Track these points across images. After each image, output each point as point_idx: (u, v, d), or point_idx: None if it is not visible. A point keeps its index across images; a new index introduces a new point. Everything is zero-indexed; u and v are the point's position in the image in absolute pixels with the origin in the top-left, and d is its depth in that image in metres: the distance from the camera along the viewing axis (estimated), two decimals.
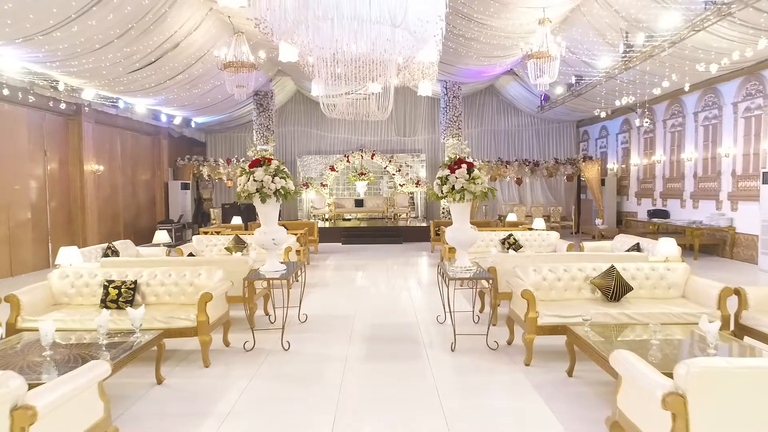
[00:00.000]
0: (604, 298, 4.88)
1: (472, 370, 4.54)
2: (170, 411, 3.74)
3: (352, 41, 6.57)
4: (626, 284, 4.85)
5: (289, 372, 4.54)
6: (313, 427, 3.50)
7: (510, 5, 8.94)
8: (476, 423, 3.52)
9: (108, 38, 7.74)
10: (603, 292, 4.89)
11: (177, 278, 5.04)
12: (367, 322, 6.18)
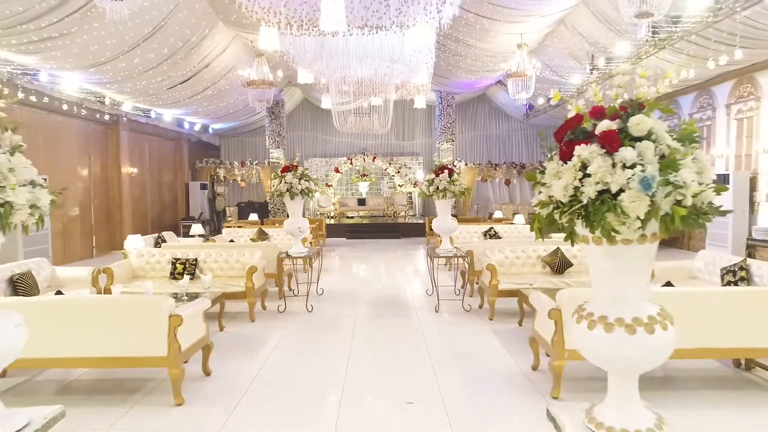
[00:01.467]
0: (552, 271, 6.44)
1: (450, 323, 6.10)
2: (234, 346, 5.29)
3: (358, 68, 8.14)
4: (568, 261, 6.41)
5: (313, 325, 6.11)
6: (336, 355, 5.05)
7: (492, 31, 10.48)
8: (450, 352, 5.08)
9: (155, 63, 9.31)
10: (551, 267, 6.46)
11: (227, 257, 6.62)
12: (371, 295, 7.76)
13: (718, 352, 3.94)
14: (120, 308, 3.77)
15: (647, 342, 1.74)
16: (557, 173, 1.71)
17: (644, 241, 1.68)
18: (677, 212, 1.55)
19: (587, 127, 1.75)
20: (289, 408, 3.84)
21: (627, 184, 1.56)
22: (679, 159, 1.60)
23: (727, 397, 3.88)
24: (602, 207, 1.59)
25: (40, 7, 6.40)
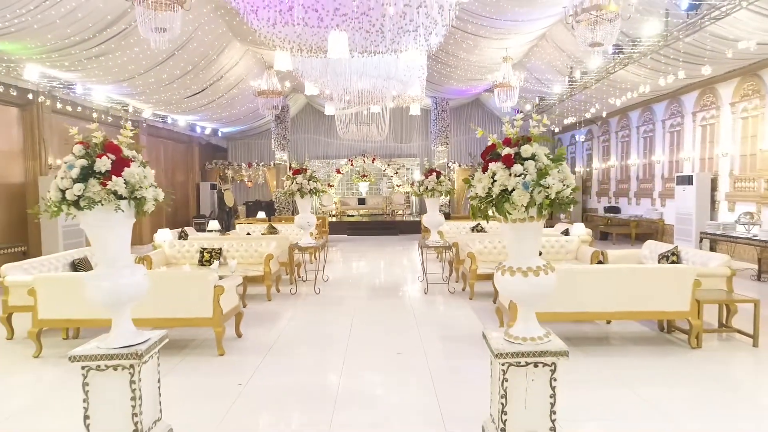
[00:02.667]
0: None
1: (435, 302, 7.23)
2: (257, 318, 6.40)
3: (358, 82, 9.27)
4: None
5: (321, 303, 7.23)
6: (340, 324, 6.16)
7: (479, 47, 11.59)
8: (433, 321, 6.21)
9: (178, 76, 10.43)
10: None
11: (247, 247, 7.75)
12: (370, 281, 8.89)
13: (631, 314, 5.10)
14: (183, 280, 4.91)
15: (536, 281, 2.87)
16: (479, 179, 2.83)
17: (531, 220, 2.80)
18: (545, 202, 2.68)
19: (499, 151, 2.87)
20: (306, 357, 4.97)
21: (516, 186, 2.68)
22: (549, 171, 2.72)
23: (649, 350, 5.01)
24: (502, 199, 2.71)
25: (87, 31, 7.53)
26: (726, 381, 4.26)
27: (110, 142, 2.98)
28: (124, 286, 2.91)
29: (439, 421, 3.53)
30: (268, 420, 3.65)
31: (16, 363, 4.93)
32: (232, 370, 4.61)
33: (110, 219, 2.85)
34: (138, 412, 2.91)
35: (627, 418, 3.58)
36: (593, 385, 4.18)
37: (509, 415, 2.92)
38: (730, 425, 3.46)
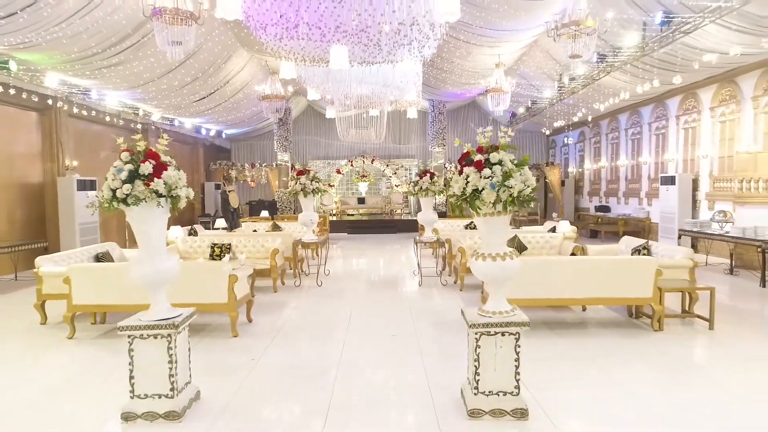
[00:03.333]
0: None
1: (428, 293, 7.84)
2: (265, 307, 7.00)
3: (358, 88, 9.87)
4: (523, 245, 8.14)
5: (323, 294, 7.84)
6: (341, 312, 6.77)
7: (472, 54, 12.19)
8: (425, 309, 6.81)
9: (187, 82, 11.04)
10: None
11: (254, 242, 8.35)
12: (368, 275, 9.50)
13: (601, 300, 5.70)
14: (201, 270, 5.52)
15: (503, 265, 3.47)
16: (456, 180, 3.44)
17: (498, 215, 3.40)
18: (508, 200, 3.28)
19: (473, 157, 3.47)
20: (310, 338, 5.58)
21: (485, 186, 3.28)
22: (512, 174, 3.32)
23: (617, 332, 5.61)
24: (474, 197, 3.32)
25: (107, 42, 8.13)
26: (680, 358, 4.86)
27: (151, 150, 3.59)
28: (163, 270, 3.51)
29: (426, 389, 4.13)
30: (278, 388, 4.25)
31: (52, 344, 5.53)
32: (245, 349, 5.22)
33: (152, 214, 3.47)
34: (174, 373, 3.52)
35: (590, 387, 4.18)
36: (564, 361, 4.78)
37: (481, 376, 3.53)
38: (681, 393, 4.05)
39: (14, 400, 4.03)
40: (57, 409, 3.86)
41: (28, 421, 3.68)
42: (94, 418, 3.66)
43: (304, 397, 4.03)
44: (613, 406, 3.78)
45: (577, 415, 3.65)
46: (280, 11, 5.67)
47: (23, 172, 10.24)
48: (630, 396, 3.95)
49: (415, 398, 3.95)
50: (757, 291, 7.80)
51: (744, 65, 9.82)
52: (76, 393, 4.20)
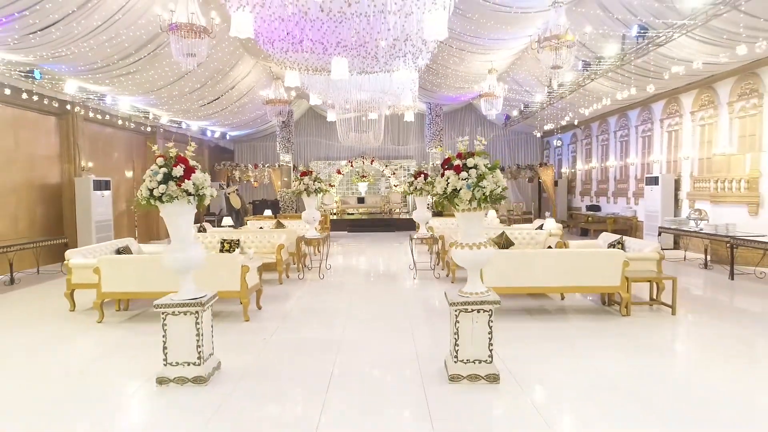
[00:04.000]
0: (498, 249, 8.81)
1: (421, 285, 8.49)
2: (272, 297, 7.64)
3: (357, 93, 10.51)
4: (510, 241, 8.78)
5: (325, 286, 8.49)
6: (342, 301, 7.41)
7: (465, 60, 12.84)
8: (418, 299, 7.46)
9: (196, 88, 11.69)
10: (498, 246, 8.82)
11: (261, 238, 9.00)
12: (367, 269, 10.15)
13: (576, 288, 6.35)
14: (217, 261, 6.17)
15: (478, 252, 4.12)
16: (439, 181, 4.09)
17: (474, 210, 4.05)
18: (482, 198, 3.93)
19: (453, 162, 4.11)
20: (314, 323, 6.23)
21: (462, 187, 3.93)
22: (485, 176, 3.97)
23: (590, 317, 6.26)
24: (453, 196, 3.97)
25: (126, 51, 8.78)
26: (642, 338, 5.50)
27: (180, 155, 4.23)
28: (191, 257, 4.17)
29: (415, 360, 4.78)
30: (288, 360, 4.90)
31: (83, 328, 6.18)
32: (256, 331, 5.87)
33: (182, 209, 4.12)
34: (201, 344, 4.17)
35: (558, 361, 4.82)
36: (539, 341, 5.42)
37: (460, 347, 4.18)
38: (639, 367, 4.69)
39: (59, 372, 4.68)
40: (99, 377, 4.51)
41: (75, 386, 4.33)
42: (132, 383, 4.31)
43: (310, 367, 4.67)
44: (577, 375, 4.42)
45: (543, 381, 4.29)
46: (286, 29, 6.31)
47: (43, 173, 10.89)
48: (593, 368, 4.60)
49: (406, 368, 4.60)
50: (726, 283, 8.44)
51: (721, 72, 10.46)
52: (112, 365, 4.85)
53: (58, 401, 4.02)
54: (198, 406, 3.85)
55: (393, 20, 5.76)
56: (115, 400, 4.03)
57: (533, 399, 3.92)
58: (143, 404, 3.97)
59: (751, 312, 6.72)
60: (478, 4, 8.17)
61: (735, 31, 7.46)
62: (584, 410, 3.74)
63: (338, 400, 3.94)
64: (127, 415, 3.83)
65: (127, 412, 3.88)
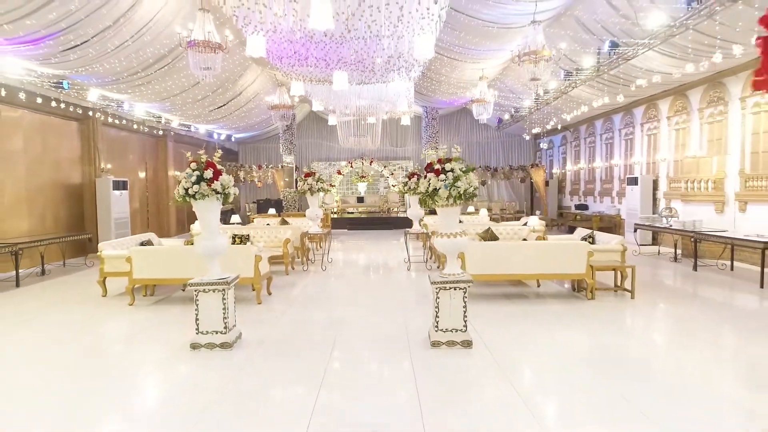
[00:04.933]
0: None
1: (414, 275, 9.38)
2: (280, 285, 8.53)
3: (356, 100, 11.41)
4: (495, 236, 9.67)
5: (328, 277, 9.39)
6: (342, 289, 8.31)
7: (458, 68, 13.73)
8: (410, 285, 8.35)
9: (207, 94, 12.58)
10: (484, 240, 9.72)
11: (269, 233, 9.90)
12: (365, 263, 11.05)
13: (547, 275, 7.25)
14: (235, 251, 7.06)
15: (455, 241, 5.02)
16: (422, 182, 4.99)
17: (451, 206, 4.94)
18: (457, 196, 4.82)
19: (435, 165, 5.01)
20: (318, 306, 7.13)
21: (441, 187, 4.82)
22: (460, 178, 4.86)
23: (560, 301, 7.15)
24: (434, 194, 4.87)
25: (147, 62, 9.68)
26: (602, 318, 6.39)
27: (209, 161, 5.13)
28: (218, 245, 5.07)
29: (404, 334, 5.67)
30: (297, 333, 5.79)
31: (116, 310, 7.07)
32: (269, 312, 6.77)
33: (211, 205, 5.02)
34: (226, 316, 5.07)
35: (526, 335, 5.71)
36: (513, 319, 6.32)
37: (440, 319, 5.07)
38: (596, 339, 5.59)
39: (102, 344, 5.58)
40: (142, 345, 5.41)
41: (123, 353, 5.23)
42: (169, 349, 5.20)
43: (316, 338, 5.57)
44: (538, 344, 5.32)
45: (510, 349, 5.18)
46: (294, 49, 7.21)
47: (66, 174, 11.78)
48: (555, 340, 5.50)
49: (396, 338, 5.50)
50: (689, 273, 9.34)
51: (692, 81, 11.36)
52: (150, 337, 5.75)
53: (112, 365, 4.92)
54: (225, 365, 4.74)
55: (387, 42, 6.64)
56: (159, 361, 4.93)
57: (499, 361, 4.81)
58: (181, 364, 4.86)
59: (703, 297, 7.61)
60: (464, 21, 9.06)
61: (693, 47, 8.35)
62: (542, 370, 4.63)
63: (339, 362, 4.83)
64: (170, 371, 4.72)
65: (169, 369, 4.77)
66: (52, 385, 4.38)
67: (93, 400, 4.03)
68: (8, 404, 3.99)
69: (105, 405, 3.96)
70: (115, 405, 3.97)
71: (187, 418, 3.65)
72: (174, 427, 3.55)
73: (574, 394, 4.05)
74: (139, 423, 3.65)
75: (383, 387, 4.28)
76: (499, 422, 3.56)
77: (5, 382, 4.43)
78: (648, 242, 13.16)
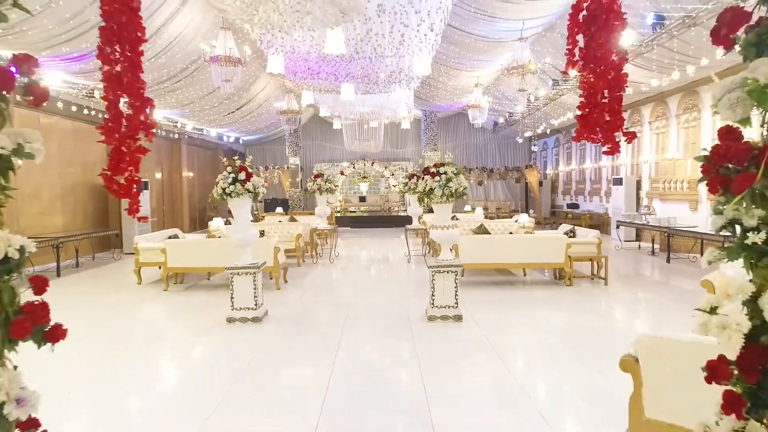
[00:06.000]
0: None
1: (414, 266, 10.37)
2: (294, 276, 9.52)
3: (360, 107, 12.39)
4: (487, 231, 10.66)
5: (336, 268, 10.37)
6: (348, 279, 9.29)
7: (454, 77, 14.71)
8: (411, 275, 9.35)
9: (222, 101, 13.58)
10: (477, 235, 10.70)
11: (281, 229, 10.89)
12: (369, 256, 12.05)
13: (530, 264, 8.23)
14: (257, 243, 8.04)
15: (448, 232, 6.01)
16: (420, 183, 5.98)
17: (445, 203, 5.93)
18: (450, 194, 5.81)
19: (431, 169, 6.00)
20: (330, 291, 8.12)
21: (435, 187, 5.81)
22: (452, 179, 5.85)
23: (542, 287, 8.14)
24: (430, 193, 5.86)
25: (171, 73, 10.67)
26: (576, 300, 7.38)
27: (242, 165, 6.12)
28: (250, 236, 6.06)
29: (405, 312, 6.65)
30: (312, 311, 6.78)
31: (151, 296, 8.06)
32: (287, 296, 7.76)
33: (244, 203, 6.01)
34: (257, 295, 6.07)
35: (510, 313, 6.70)
36: (500, 302, 7.30)
37: (435, 297, 6.07)
38: (570, 317, 6.58)
39: (149, 320, 6.57)
40: (182, 322, 6.40)
41: (167, 328, 6.22)
42: (205, 324, 6.19)
43: (329, 316, 6.57)
44: (519, 320, 6.31)
45: (495, 323, 6.16)
46: (308, 65, 8.20)
47: (93, 175, 12.77)
48: (533, 318, 6.49)
49: (398, 316, 6.48)
50: (662, 265, 10.33)
51: (670, 90, 12.34)
52: (187, 315, 6.74)
53: (162, 334, 5.91)
54: (257, 335, 5.73)
55: (389, 60, 7.62)
56: (202, 331, 5.92)
57: (485, 332, 5.79)
58: (220, 334, 5.85)
59: (670, 285, 8.60)
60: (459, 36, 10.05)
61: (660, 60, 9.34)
62: (520, 337, 5.62)
63: (350, 333, 5.82)
64: (214, 338, 5.70)
65: (211, 338, 5.76)
66: (116, 350, 5.38)
67: (151, 361, 5.03)
68: (86, 366, 4.99)
69: (163, 363, 4.95)
70: (173, 362, 4.96)
71: (236, 368, 4.64)
72: (229, 374, 4.54)
73: (542, 350, 5.05)
74: (197, 372, 4.65)
75: (389, 348, 5.27)
76: (482, 372, 4.55)
77: (79, 351, 5.43)
78: (632, 238, 14.14)
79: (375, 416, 3.69)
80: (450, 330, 5.82)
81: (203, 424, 3.53)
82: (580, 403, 3.87)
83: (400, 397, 4.05)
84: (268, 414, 3.77)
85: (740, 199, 1.44)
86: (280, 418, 3.68)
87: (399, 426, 3.59)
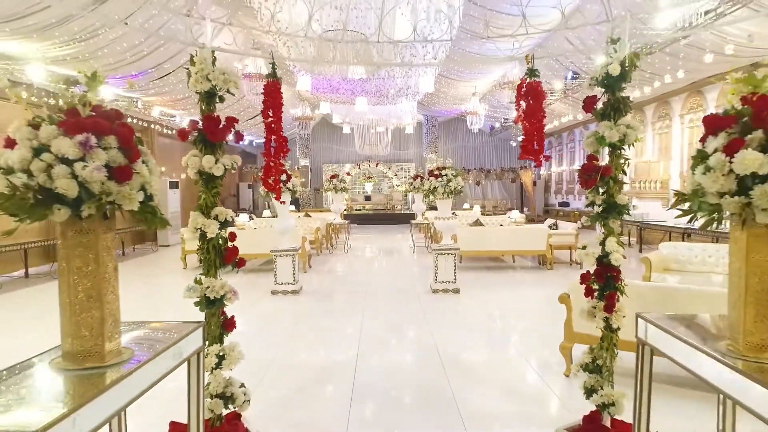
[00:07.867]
0: None
1: (418, 257, 11.87)
2: (315, 263, 11.01)
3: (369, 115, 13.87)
4: (482, 225, 12.16)
5: (349, 257, 11.87)
6: (362, 266, 10.78)
7: (453, 86, 16.20)
8: (416, 263, 10.84)
9: (248, 108, 15.07)
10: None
11: (301, 223, 12.39)
12: (378, 248, 13.56)
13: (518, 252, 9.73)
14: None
15: (448, 222, 7.51)
16: (425, 183, 7.47)
17: (445, 198, 7.43)
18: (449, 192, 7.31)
19: (435, 172, 7.49)
20: (349, 274, 9.62)
21: (438, 186, 7.31)
22: (452, 180, 7.35)
23: (527, 271, 9.63)
24: (435, 191, 7.36)
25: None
26: (556, 280, 8.87)
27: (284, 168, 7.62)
28: (290, 224, 7.57)
29: (413, 288, 8.15)
30: (337, 288, 8.26)
31: None
32: (313, 277, 9.25)
33: (285, 198, 7.50)
34: (295, 272, 7.58)
35: (498, 290, 8.20)
36: (491, 282, 8.80)
37: (438, 275, 7.57)
38: (547, 294, 8.08)
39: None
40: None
41: None
42: (253, 296, 7.68)
43: (352, 291, 8.07)
44: (505, 296, 7.81)
45: (487, 296, 7.65)
46: (330, 84, 9.68)
47: None
48: (519, 294, 7.99)
49: (407, 291, 7.98)
50: (635, 254, 11.82)
51: (646, 99, 13.84)
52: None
53: None
54: (296, 305, 7.22)
55: (399, 80, 9.08)
56: (252, 301, 7.41)
57: (478, 302, 7.28)
58: (267, 303, 7.33)
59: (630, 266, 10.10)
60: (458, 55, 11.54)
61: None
62: (506, 306, 7.12)
63: (371, 302, 7.32)
64: (259, 307, 7.19)
65: (258, 306, 7.24)
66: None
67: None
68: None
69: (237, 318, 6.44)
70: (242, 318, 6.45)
71: (291, 319, 6.14)
72: (287, 324, 6.04)
73: (522, 313, 6.55)
74: (266, 321, 6.15)
75: (402, 310, 6.77)
76: (475, 326, 6.05)
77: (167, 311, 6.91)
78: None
79: (398, 351, 5.20)
80: (450, 299, 7.31)
81: (278, 350, 5.03)
82: (543, 345, 5.38)
83: (415, 339, 5.55)
84: (322, 347, 5.27)
85: (591, 191, 2.95)
86: (331, 350, 5.18)
87: (417, 356, 5.09)
